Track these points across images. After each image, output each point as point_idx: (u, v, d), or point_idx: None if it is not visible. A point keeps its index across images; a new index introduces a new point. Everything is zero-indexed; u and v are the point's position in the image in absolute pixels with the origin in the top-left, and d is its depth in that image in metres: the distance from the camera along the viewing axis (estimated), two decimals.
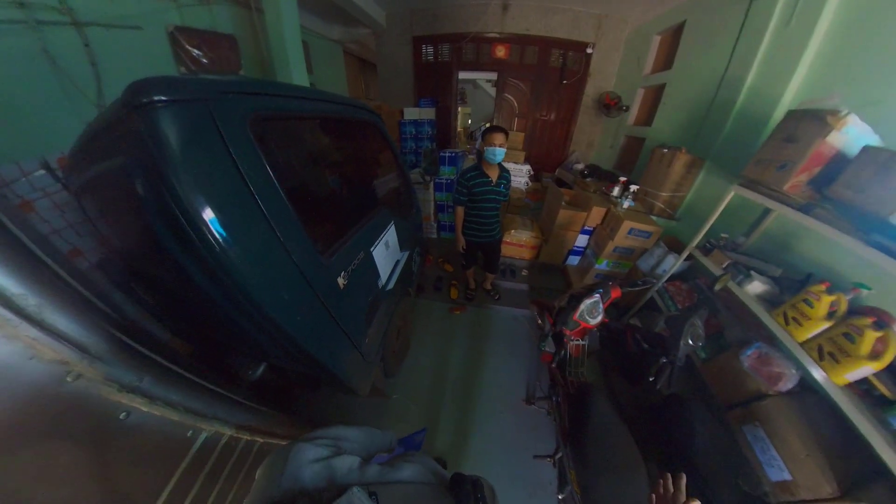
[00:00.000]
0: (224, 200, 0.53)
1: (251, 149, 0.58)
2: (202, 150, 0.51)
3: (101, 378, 0.45)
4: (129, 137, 0.50)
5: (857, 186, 0.96)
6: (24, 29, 1.41)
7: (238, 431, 0.66)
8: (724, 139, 1.80)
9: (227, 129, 0.54)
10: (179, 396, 0.56)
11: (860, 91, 1.19)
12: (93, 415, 0.45)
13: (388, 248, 1.20)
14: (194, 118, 0.51)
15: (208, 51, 2.08)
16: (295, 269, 0.65)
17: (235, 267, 0.54)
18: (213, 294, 0.58)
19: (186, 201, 0.48)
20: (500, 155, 1.51)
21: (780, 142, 1.18)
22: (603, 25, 3.05)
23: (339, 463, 0.34)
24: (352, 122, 1.15)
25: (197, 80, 0.55)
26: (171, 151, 0.47)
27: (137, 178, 0.50)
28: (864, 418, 0.83)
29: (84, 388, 0.43)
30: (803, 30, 1.41)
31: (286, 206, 0.65)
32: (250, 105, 0.61)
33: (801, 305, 1.04)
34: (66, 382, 0.42)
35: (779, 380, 1.11)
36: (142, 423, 0.50)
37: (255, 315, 0.60)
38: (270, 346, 0.71)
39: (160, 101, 0.46)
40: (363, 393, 1.01)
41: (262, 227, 0.60)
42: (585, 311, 1.06)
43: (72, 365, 0.42)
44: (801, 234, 1.31)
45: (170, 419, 0.54)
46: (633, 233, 1.87)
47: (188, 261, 0.54)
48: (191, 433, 0.58)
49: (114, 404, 0.47)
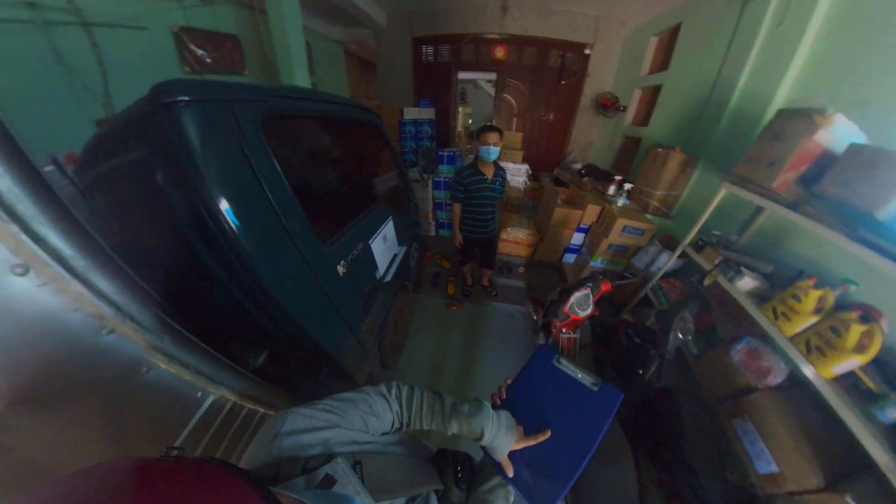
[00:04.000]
0: (238, 192, 0.58)
1: (262, 146, 0.64)
2: (221, 146, 0.57)
3: (129, 334, 0.51)
4: (152, 133, 0.55)
5: (843, 183, 0.98)
6: (34, 29, 1.46)
7: (242, 399, 0.71)
8: (717, 138, 1.82)
9: (245, 128, 0.60)
10: (192, 359, 0.62)
11: (848, 91, 1.21)
12: (120, 366, 0.51)
13: (387, 242, 1.23)
14: (217, 117, 0.56)
15: (212, 51, 2.12)
16: (298, 255, 0.71)
17: (247, 252, 0.59)
18: (223, 279, 0.64)
19: (206, 193, 0.54)
20: (494, 153, 1.54)
21: (769, 140, 1.21)
22: (600, 27, 3.08)
23: (332, 434, 0.35)
24: (351, 122, 1.20)
25: (218, 83, 0.61)
26: (193, 146, 0.52)
27: (158, 169, 0.55)
28: (850, 411, 0.85)
29: (115, 341, 0.50)
30: (794, 31, 1.43)
31: (291, 197, 0.70)
32: (262, 106, 0.68)
33: (789, 300, 1.06)
34: (101, 335, 0.48)
35: (767, 374, 1.12)
36: (159, 379, 0.57)
37: (261, 297, 0.66)
38: (273, 328, 0.75)
39: (184, 101, 0.51)
40: (360, 380, 1.05)
41: (270, 216, 0.65)
42: (576, 303, 1.09)
43: (107, 319, 0.48)
44: (792, 231, 1.33)
45: (183, 378, 0.60)
46: (626, 230, 1.89)
47: (204, 248, 0.60)
48: (200, 394, 0.64)
49: (137, 359, 0.53)
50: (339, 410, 0.39)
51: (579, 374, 0.54)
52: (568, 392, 0.53)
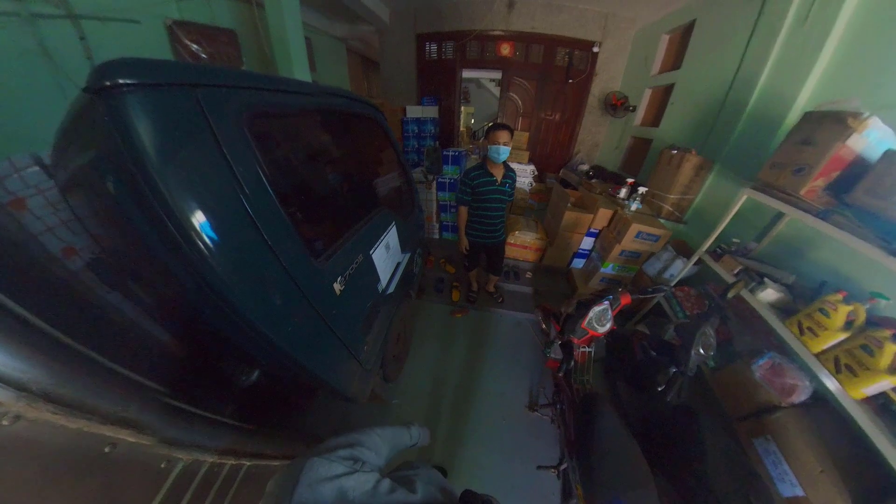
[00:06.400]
0: (203, 200, 0.46)
1: (241, 144, 0.53)
2: (182, 142, 0.44)
3: (49, 412, 0.35)
4: (92, 127, 0.43)
5: (878, 193, 0.92)
6: (19, 21, 1.38)
7: (221, 457, 0.59)
8: (734, 141, 1.75)
9: (217, 121, 0.48)
10: (151, 420, 0.47)
11: (879, 93, 1.15)
12: (46, 453, 0.35)
13: (389, 251, 1.16)
14: (173, 105, 0.43)
15: (207, 45, 2.04)
16: (284, 275, 0.60)
17: (214, 272, 0.47)
18: (193, 300, 0.53)
19: (156, 196, 0.41)
20: (505, 153, 1.47)
21: (796, 144, 1.14)
22: (609, 24, 3.00)
23: (352, 482, 0.34)
24: (351, 117, 1.10)
25: (182, 64, 0.49)
26: (138, 143, 0.39)
27: (106, 172, 0.43)
28: (881, 434, 0.80)
29: (24, 429, 0.33)
30: (820, 29, 1.36)
31: (273, 204, 0.58)
32: (245, 98, 0.56)
33: (816, 315, 1.00)
34: (2, 426, 0.32)
35: (792, 392, 1.07)
36: (122, 457, 0.41)
37: (241, 325, 0.55)
38: (260, 356, 0.67)
39: (129, 84, 0.39)
40: (362, 400, 0.98)
41: (246, 230, 0.53)
42: (594, 318, 1.03)
43: (6, 405, 0.32)
44: (816, 240, 1.27)
45: (140, 448, 0.44)
46: (640, 236, 1.83)
47: (164, 260, 0.49)
48: (164, 464, 0.48)
49: (93, 438, 0.38)
50: (359, 445, 0.38)
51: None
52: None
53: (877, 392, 0.86)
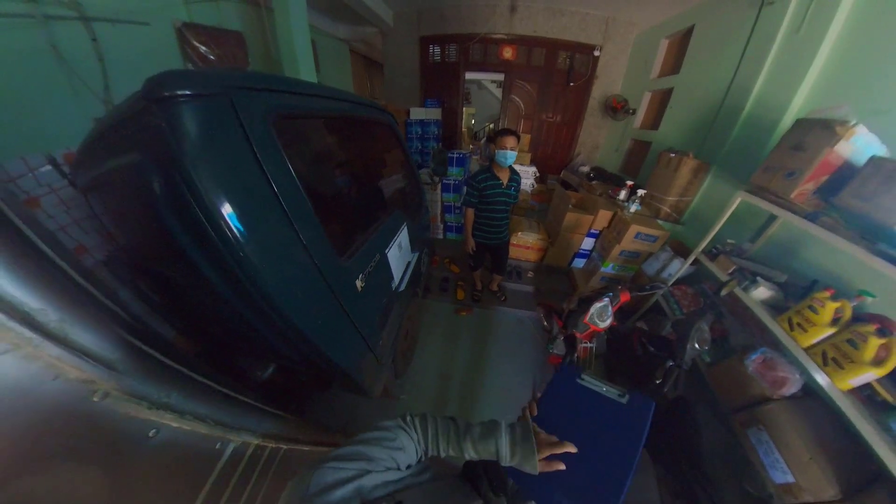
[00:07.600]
0: (244, 197, 0.51)
1: (273, 146, 0.57)
2: (223, 145, 0.50)
3: (129, 395, 0.42)
4: (147, 131, 0.49)
5: (863, 196, 0.97)
6: (32, 23, 1.40)
7: (264, 440, 0.65)
8: (730, 145, 1.81)
9: (249, 124, 0.53)
10: (207, 409, 0.55)
11: (868, 100, 1.20)
12: (121, 433, 0.42)
13: (401, 250, 1.21)
14: (216, 113, 0.49)
15: (215, 47, 2.07)
16: (316, 272, 0.65)
17: (255, 267, 0.52)
18: (228, 295, 0.57)
19: (206, 197, 0.46)
20: (511, 158, 1.52)
21: (788, 150, 1.20)
22: (610, 28, 3.05)
23: (362, 481, 0.33)
24: (368, 123, 1.15)
25: (218, 73, 0.52)
26: (192, 146, 0.46)
27: (155, 173, 0.48)
28: (866, 423, 0.85)
29: (111, 406, 0.40)
30: (813, 38, 1.42)
31: (308, 206, 0.63)
32: (274, 102, 0.60)
33: (805, 312, 1.06)
34: (92, 402, 0.38)
35: (783, 384, 1.13)
36: (172, 440, 0.48)
37: (272, 317, 0.59)
38: (285, 348, 0.71)
39: (182, 95, 0.45)
40: (376, 394, 1.02)
41: (283, 227, 0.58)
42: (595, 314, 1.08)
43: (98, 383, 0.39)
44: (807, 241, 1.33)
45: (198, 432, 0.52)
46: (639, 237, 1.89)
47: (203, 258, 0.53)
48: (219, 445, 0.56)
49: (142, 422, 0.45)
50: (365, 454, 0.37)
51: (604, 388, 0.53)
52: (597, 409, 0.52)
53: (862, 383, 0.91)
